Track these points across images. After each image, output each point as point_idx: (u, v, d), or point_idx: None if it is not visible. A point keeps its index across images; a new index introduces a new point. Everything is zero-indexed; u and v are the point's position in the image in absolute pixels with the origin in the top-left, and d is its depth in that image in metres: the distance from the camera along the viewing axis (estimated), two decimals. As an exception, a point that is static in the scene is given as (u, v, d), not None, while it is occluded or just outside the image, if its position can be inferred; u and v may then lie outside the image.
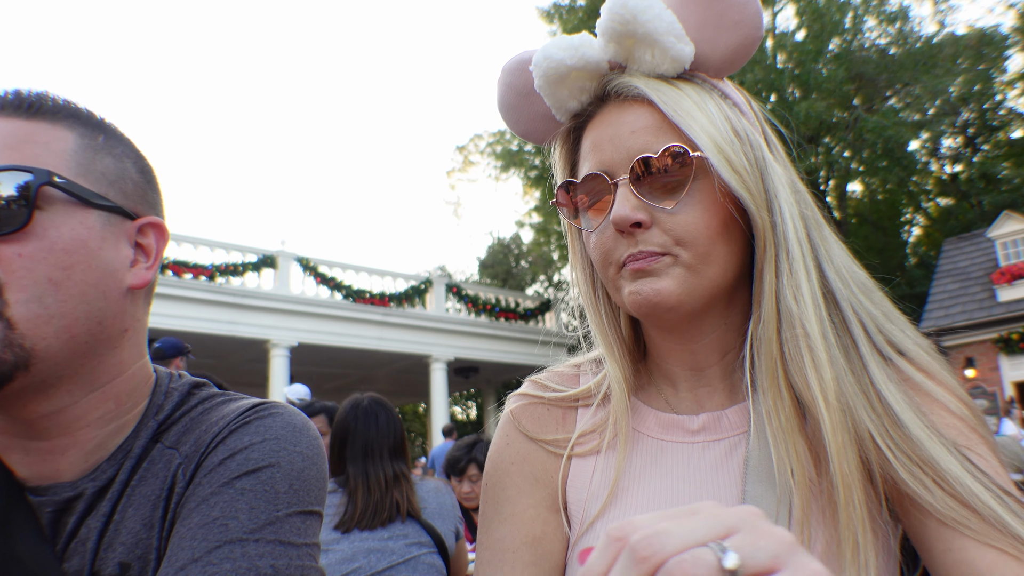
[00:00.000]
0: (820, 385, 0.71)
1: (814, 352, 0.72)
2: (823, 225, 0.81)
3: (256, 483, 0.76)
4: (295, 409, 0.88)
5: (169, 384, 0.90)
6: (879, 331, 0.77)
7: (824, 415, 0.70)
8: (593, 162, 0.80)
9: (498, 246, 34.00)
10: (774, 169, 0.77)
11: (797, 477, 0.70)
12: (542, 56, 0.81)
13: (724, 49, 0.79)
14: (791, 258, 0.75)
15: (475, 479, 3.81)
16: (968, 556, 0.65)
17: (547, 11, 23.85)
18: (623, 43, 0.78)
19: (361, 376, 19.10)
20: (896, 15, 21.81)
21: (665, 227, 0.75)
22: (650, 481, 0.81)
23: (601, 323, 0.89)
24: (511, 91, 0.89)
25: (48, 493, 0.79)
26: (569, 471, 0.86)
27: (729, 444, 0.80)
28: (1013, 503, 0.66)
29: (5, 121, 0.78)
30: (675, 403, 0.86)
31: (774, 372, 0.74)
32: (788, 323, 0.74)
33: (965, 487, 0.66)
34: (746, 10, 0.78)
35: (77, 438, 0.81)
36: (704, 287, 0.77)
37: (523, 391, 0.94)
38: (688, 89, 0.78)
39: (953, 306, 16.61)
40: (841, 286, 0.77)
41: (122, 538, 0.77)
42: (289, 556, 0.74)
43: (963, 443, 0.70)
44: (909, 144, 21.77)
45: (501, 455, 0.90)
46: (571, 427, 0.89)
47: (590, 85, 0.82)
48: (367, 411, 2.64)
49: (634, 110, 0.78)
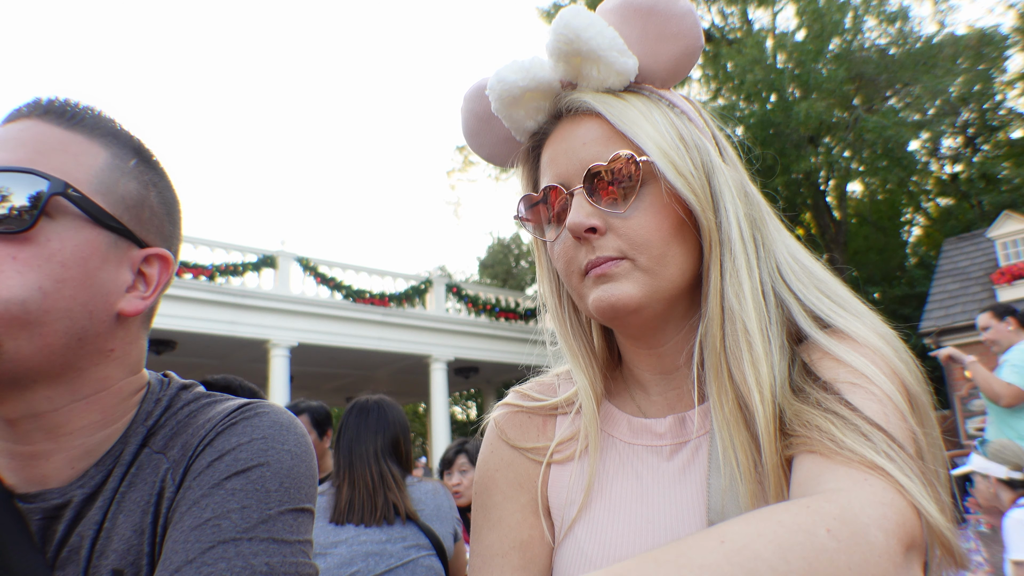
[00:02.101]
0: (756, 379, 0.74)
1: (752, 348, 0.75)
2: (767, 223, 0.84)
3: (246, 483, 0.77)
4: (281, 408, 0.88)
5: (160, 390, 0.90)
6: (817, 317, 0.79)
7: (758, 407, 0.72)
8: (550, 175, 0.84)
9: (498, 246, 34.04)
10: (721, 172, 0.81)
11: (742, 467, 0.73)
12: (496, 80, 0.85)
13: (666, 60, 0.84)
14: (734, 257, 0.78)
15: (464, 469, 3.88)
16: (803, 463, 0.65)
17: (547, 11, 23.86)
18: (570, 61, 0.82)
19: (361, 376, 19.10)
20: (896, 15, 21.81)
21: (619, 232, 0.79)
22: (622, 485, 0.84)
23: (567, 334, 0.93)
24: (473, 117, 0.92)
25: (37, 500, 0.78)
26: (549, 477, 0.90)
27: (694, 444, 0.82)
28: (867, 425, 0.64)
29: (45, 126, 0.80)
30: (646, 407, 0.89)
31: (718, 368, 0.77)
32: (730, 320, 0.77)
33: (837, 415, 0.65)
34: (683, 22, 0.82)
35: (61, 444, 0.80)
36: (663, 288, 0.79)
37: (506, 401, 0.98)
38: (635, 100, 0.82)
39: (953, 306, 16.61)
40: (783, 279, 0.81)
41: (114, 545, 0.77)
42: (283, 553, 0.74)
43: (852, 388, 0.70)
44: (909, 144, 21.78)
45: (487, 463, 0.94)
46: (551, 435, 0.92)
47: (544, 104, 0.86)
48: (362, 410, 2.66)
49: (585, 123, 0.82)
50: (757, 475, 0.73)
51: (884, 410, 0.67)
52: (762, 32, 22.37)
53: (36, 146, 0.78)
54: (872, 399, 0.68)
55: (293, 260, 15.38)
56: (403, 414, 2.75)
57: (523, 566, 0.85)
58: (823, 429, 0.65)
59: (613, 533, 0.81)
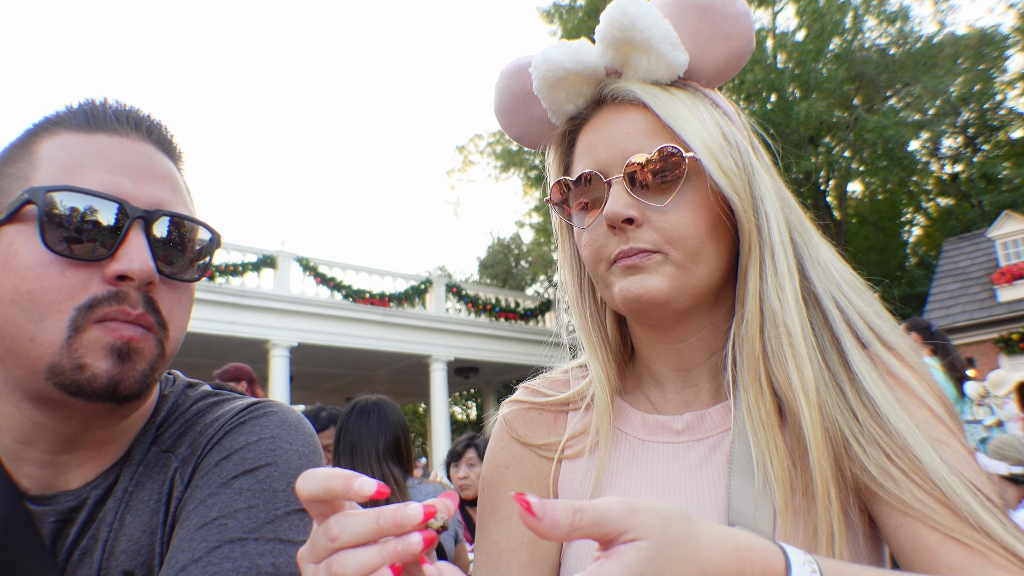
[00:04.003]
0: (801, 382, 0.73)
1: (796, 350, 0.75)
2: (809, 229, 0.84)
3: (254, 482, 0.77)
4: (290, 407, 0.88)
5: (166, 388, 0.90)
6: (869, 328, 0.79)
7: (804, 411, 0.72)
8: (588, 162, 0.82)
9: (498, 246, 34.02)
10: (760, 175, 0.81)
11: (777, 471, 0.73)
12: (542, 59, 0.83)
13: (716, 60, 0.83)
14: (776, 260, 0.78)
15: (472, 463, 3.89)
16: (919, 531, 0.67)
17: (547, 11, 23.87)
18: (620, 49, 0.81)
19: (361, 376, 19.08)
20: (896, 15, 21.81)
21: (656, 225, 0.78)
22: (633, 482, 0.83)
23: (586, 323, 0.92)
24: (509, 94, 0.91)
25: (51, 503, 0.78)
26: (560, 473, 0.89)
27: (712, 442, 0.82)
28: (984, 499, 0.66)
29: (169, 163, 0.84)
30: (661, 404, 0.88)
31: (756, 370, 0.77)
32: (771, 322, 0.77)
33: (941, 478, 0.67)
34: (739, 24, 0.81)
35: (100, 451, 0.81)
36: (693, 285, 0.79)
37: (515, 397, 0.97)
38: (682, 95, 0.81)
39: (953, 306, 16.61)
40: (825, 286, 0.80)
41: (123, 545, 0.77)
42: (289, 554, 0.74)
43: (938, 436, 0.71)
44: (909, 144, 21.78)
45: (496, 459, 0.93)
46: (562, 430, 0.91)
47: (586, 90, 0.85)
48: (362, 411, 2.65)
49: (629, 113, 0.81)
50: (791, 481, 0.72)
51: (964, 460, 0.69)
52: (762, 32, 22.33)
53: (186, 192, 0.86)
54: (959, 447, 0.70)
55: (293, 260, 15.36)
56: (402, 414, 2.75)
57: (531, 563, 0.85)
58: (927, 504, 0.66)
59: None
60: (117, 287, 0.75)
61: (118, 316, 0.74)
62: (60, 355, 0.72)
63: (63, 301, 0.73)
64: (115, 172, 0.77)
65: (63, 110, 0.82)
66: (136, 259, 0.75)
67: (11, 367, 0.75)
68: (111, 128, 0.80)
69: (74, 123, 0.79)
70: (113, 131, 0.80)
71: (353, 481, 0.50)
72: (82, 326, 0.73)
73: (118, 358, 0.74)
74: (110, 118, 0.80)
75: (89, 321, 0.73)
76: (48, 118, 0.81)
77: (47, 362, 0.72)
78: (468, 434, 4.13)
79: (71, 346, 0.72)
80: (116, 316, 0.74)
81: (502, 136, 26.77)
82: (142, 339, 0.76)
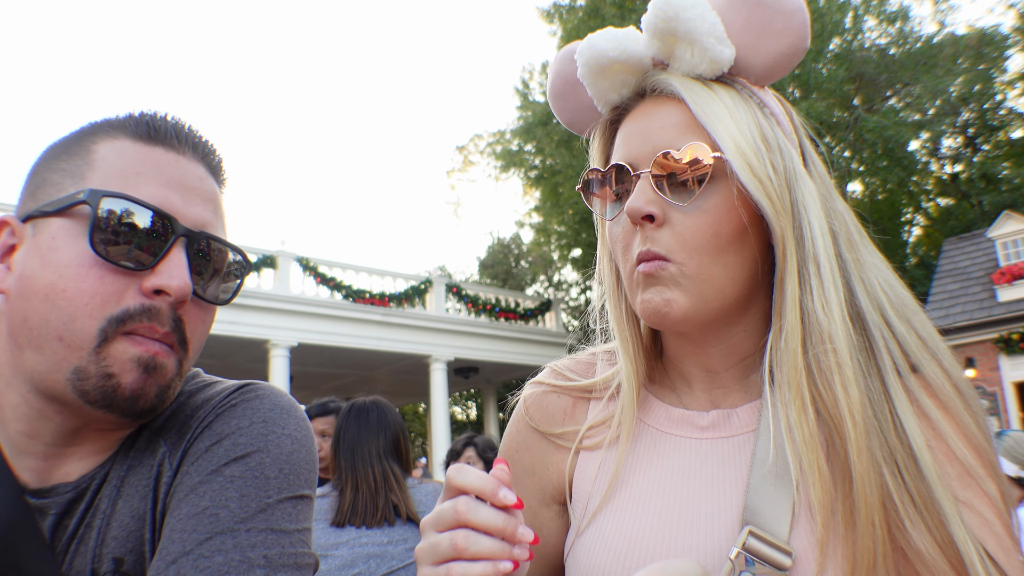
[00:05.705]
0: (848, 404, 0.70)
1: (843, 370, 0.71)
2: (859, 245, 0.79)
3: (245, 469, 0.76)
4: (281, 390, 0.87)
5: None
6: (904, 355, 0.75)
7: (851, 434, 0.69)
8: (622, 154, 0.81)
9: (498, 246, 34.00)
10: (805, 182, 0.77)
11: (819, 493, 0.69)
12: (586, 45, 0.82)
13: (766, 56, 0.79)
14: (820, 270, 0.74)
15: (471, 461, 3.92)
16: None
17: (547, 11, 23.84)
18: (665, 40, 0.79)
19: (361, 376, 19.08)
20: (896, 15, 21.80)
21: (676, 228, 0.76)
22: (654, 477, 0.81)
23: (620, 317, 0.89)
24: (559, 79, 0.90)
25: (51, 495, 0.77)
26: (576, 464, 0.87)
27: (739, 441, 0.80)
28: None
29: (213, 182, 0.85)
30: (688, 400, 0.86)
31: (799, 385, 0.73)
32: (817, 337, 0.73)
33: (960, 543, 0.65)
34: (792, 19, 0.77)
35: (101, 444, 0.81)
36: (713, 296, 0.76)
37: (539, 378, 0.95)
38: (723, 93, 0.78)
39: (953, 306, 16.60)
40: (873, 308, 0.76)
41: (114, 532, 0.76)
42: (281, 544, 0.73)
43: (963, 497, 0.69)
44: (909, 144, 21.76)
45: (509, 441, 0.93)
46: (581, 419, 0.89)
47: (631, 80, 0.83)
48: (360, 411, 2.65)
49: (666, 107, 0.79)
50: (832, 504, 0.69)
51: (988, 528, 0.67)
52: (762, 32, 22.28)
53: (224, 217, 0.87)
54: (987, 509, 0.68)
55: (293, 260, 15.35)
56: (399, 415, 2.76)
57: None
58: (939, 566, 0.65)
59: (641, 525, 0.78)
60: (151, 301, 0.75)
61: (146, 332, 0.75)
62: (89, 361, 0.73)
63: (96, 307, 0.73)
64: (168, 187, 0.78)
65: (124, 116, 0.82)
66: (176, 276, 0.75)
67: (31, 359, 0.74)
68: (170, 143, 0.81)
69: (135, 132, 0.80)
70: (171, 147, 0.81)
71: (498, 489, 0.63)
72: (111, 337, 0.73)
73: (144, 371, 0.74)
74: (170, 134, 0.81)
75: (118, 333, 0.74)
76: (109, 120, 0.82)
77: (74, 365, 0.73)
78: (467, 433, 4.15)
79: (99, 354, 0.73)
80: (144, 332, 0.75)
81: (502, 136, 26.75)
82: (166, 355, 0.77)
